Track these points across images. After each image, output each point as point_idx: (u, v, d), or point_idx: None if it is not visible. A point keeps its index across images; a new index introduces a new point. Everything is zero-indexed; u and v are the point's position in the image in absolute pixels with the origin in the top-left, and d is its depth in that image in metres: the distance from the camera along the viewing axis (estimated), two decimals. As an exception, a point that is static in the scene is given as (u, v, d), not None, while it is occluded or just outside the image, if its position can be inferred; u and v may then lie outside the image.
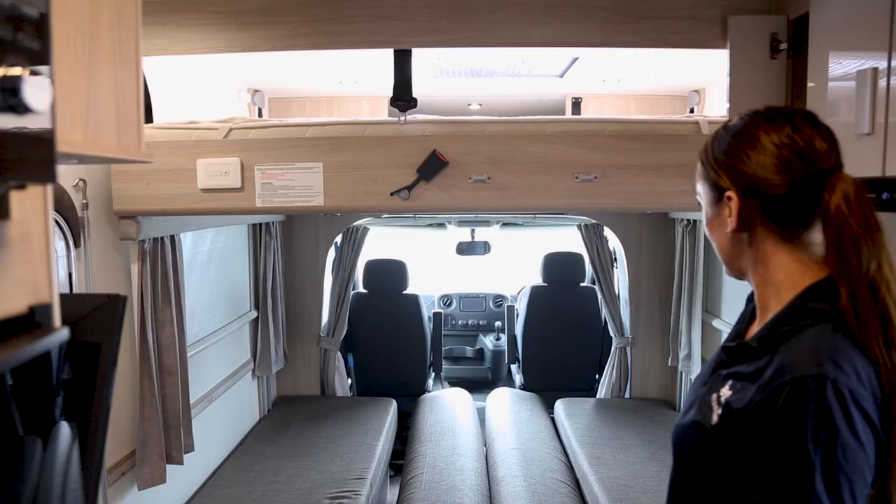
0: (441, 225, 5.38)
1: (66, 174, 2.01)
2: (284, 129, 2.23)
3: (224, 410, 3.25)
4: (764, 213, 1.01)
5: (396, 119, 2.25)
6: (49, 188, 0.72)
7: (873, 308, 0.93)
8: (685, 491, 1.09)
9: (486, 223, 5.05)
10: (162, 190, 2.18)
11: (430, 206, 2.20)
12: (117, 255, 2.29)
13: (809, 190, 0.98)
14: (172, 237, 2.42)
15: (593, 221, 4.06)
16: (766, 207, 1.01)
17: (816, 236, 1.01)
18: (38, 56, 0.64)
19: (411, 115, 2.30)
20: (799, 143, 0.99)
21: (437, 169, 2.14)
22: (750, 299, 1.16)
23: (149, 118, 2.35)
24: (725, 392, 1.00)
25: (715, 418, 1.00)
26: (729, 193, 1.03)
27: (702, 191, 1.10)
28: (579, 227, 4.20)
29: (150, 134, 2.23)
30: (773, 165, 0.99)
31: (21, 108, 0.59)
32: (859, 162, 1.00)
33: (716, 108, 3.46)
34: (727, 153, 1.05)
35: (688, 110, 3.75)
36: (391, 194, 2.16)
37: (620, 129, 2.19)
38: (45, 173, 0.62)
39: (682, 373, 3.74)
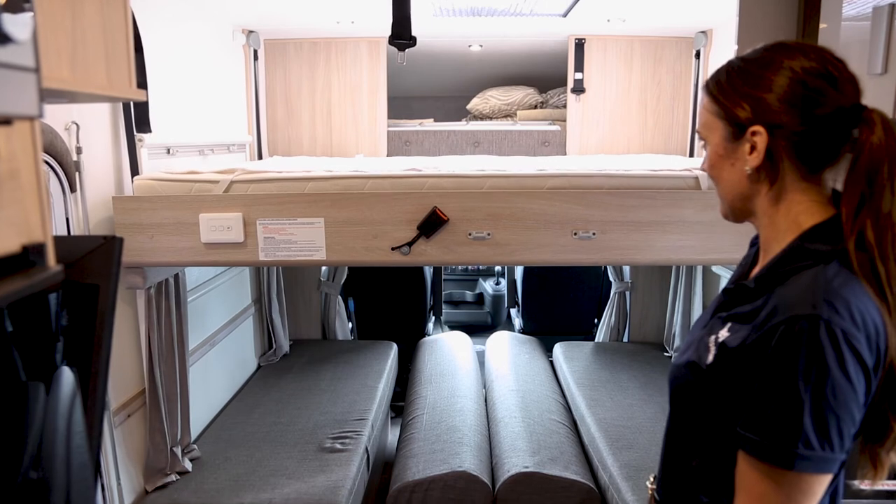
0: None
1: (57, 118, 1.97)
2: (285, 185, 2.24)
3: (227, 354, 3.28)
4: (793, 148, 0.97)
5: (396, 174, 2.26)
6: (37, 124, 0.70)
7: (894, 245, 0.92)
8: (680, 430, 1.11)
9: None
10: (165, 243, 2.20)
11: (430, 261, 2.23)
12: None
13: (841, 123, 0.95)
14: (177, 274, 2.46)
15: None
16: (796, 143, 0.96)
17: (831, 174, 0.98)
18: (18, -17, 0.60)
19: (411, 169, 2.31)
20: (831, 71, 0.95)
21: (438, 226, 2.16)
22: (753, 243, 1.15)
23: (139, 58, 2.28)
24: (723, 334, 1.00)
25: (710, 358, 1.01)
26: (755, 129, 0.97)
27: (711, 127, 1.04)
28: None
29: (151, 187, 2.26)
30: (803, 95, 0.94)
31: (1, 38, 0.56)
32: (870, 102, 0.97)
33: (723, 50, 3.38)
34: (749, 83, 0.98)
35: (693, 53, 3.67)
36: (392, 249, 2.18)
37: (619, 183, 2.18)
38: (31, 106, 0.60)
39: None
